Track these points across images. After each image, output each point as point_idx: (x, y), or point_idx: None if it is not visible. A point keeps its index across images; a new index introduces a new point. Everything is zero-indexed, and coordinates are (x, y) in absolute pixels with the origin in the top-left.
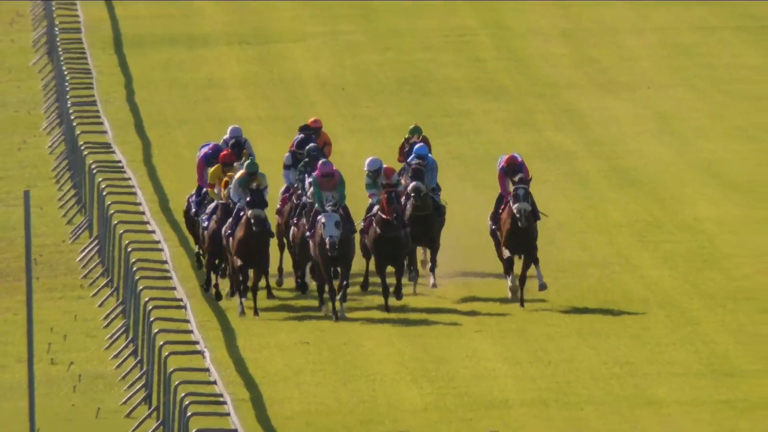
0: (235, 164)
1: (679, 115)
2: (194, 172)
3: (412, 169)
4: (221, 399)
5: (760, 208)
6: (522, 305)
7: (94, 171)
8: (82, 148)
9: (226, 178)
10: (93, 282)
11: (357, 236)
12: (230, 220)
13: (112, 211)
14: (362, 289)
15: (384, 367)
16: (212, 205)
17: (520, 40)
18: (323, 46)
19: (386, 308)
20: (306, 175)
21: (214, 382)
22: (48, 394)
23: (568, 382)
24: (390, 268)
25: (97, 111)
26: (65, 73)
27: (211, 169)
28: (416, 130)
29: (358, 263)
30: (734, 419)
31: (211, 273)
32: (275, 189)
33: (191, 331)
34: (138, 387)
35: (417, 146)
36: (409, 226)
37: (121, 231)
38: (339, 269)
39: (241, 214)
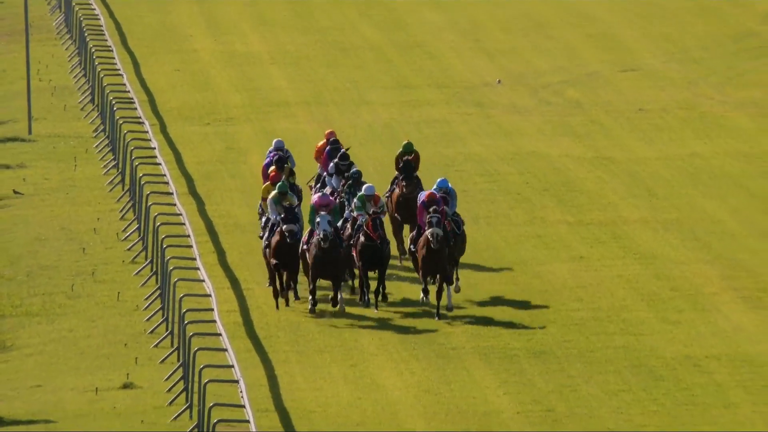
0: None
1: None
2: None
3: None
4: (140, 120)
5: (480, 41)
6: (438, 318)
7: None
8: None
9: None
10: (62, 36)
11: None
12: (267, 232)
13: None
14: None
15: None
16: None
17: None
18: None
19: (375, 306)
20: (351, 196)
21: (135, 108)
22: (38, 98)
23: None
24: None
25: None
26: None
27: (263, 186)
28: (408, 146)
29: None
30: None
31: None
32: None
33: (115, 62)
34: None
35: (439, 180)
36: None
37: (81, 16)
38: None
39: (275, 227)
